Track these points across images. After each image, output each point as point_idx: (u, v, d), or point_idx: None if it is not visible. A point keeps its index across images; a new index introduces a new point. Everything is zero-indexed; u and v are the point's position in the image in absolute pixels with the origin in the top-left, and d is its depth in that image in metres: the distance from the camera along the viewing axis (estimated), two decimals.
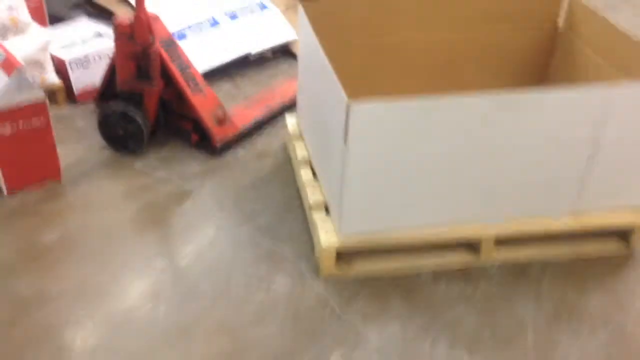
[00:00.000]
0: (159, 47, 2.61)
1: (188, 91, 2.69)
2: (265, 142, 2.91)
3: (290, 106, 3.13)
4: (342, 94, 1.86)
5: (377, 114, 1.86)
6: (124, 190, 2.57)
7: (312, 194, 2.29)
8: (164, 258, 2.24)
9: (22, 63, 2.36)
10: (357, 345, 1.92)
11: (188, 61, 2.74)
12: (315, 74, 2.30)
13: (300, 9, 2.44)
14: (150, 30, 2.56)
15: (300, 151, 2.55)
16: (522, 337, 1.96)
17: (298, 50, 3.72)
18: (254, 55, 3.53)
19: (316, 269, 2.18)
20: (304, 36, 2.44)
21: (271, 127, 3.01)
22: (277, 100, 3.12)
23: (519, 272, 2.20)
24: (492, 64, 2.73)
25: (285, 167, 2.73)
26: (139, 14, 2.53)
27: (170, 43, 2.70)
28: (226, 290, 2.11)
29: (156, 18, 2.65)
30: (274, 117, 3.06)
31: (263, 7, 3.71)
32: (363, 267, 2.17)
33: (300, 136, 2.66)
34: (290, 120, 2.80)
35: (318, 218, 2.19)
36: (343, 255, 2.16)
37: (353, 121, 1.83)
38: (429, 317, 2.02)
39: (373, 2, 2.57)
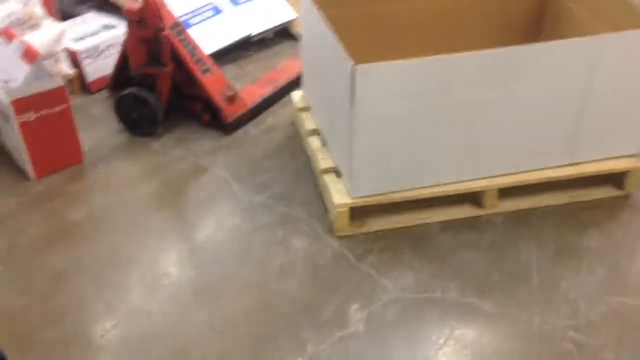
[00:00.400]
0: (168, 31, 2.74)
1: (198, 72, 2.83)
2: (273, 119, 3.04)
3: (295, 83, 3.26)
4: (347, 58, 1.99)
5: (380, 75, 1.99)
6: (143, 168, 2.71)
7: (323, 160, 2.43)
8: (186, 228, 2.38)
9: (42, 52, 2.49)
10: (373, 296, 2.06)
11: (195, 44, 2.87)
12: (319, 46, 2.43)
13: None
14: (159, 15, 2.69)
15: (308, 122, 2.69)
16: (527, 278, 2.10)
17: (298, 29, 3.86)
18: (256, 36, 3.66)
19: (330, 229, 2.32)
20: (306, 11, 2.57)
21: (278, 105, 3.15)
22: (282, 78, 3.24)
23: (522, 220, 2.33)
24: (488, 28, 2.85)
25: (294, 140, 2.86)
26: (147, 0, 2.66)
27: (178, 27, 2.82)
28: (247, 253, 2.25)
29: (163, 4, 2.77)
30: (281, 94, 3.19)
31: None
32: (375, 224, 2.31)
33: (308, 109, 2.79)
34: (297, 95, 2.93)
35: (330, 181, 2.33)
36: (355, 214, 2.29)
37: (358, 83, 1.96)
38: (439, 266, 2.16)
39: None
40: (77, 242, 2.32)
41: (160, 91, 2.85)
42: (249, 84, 3.26)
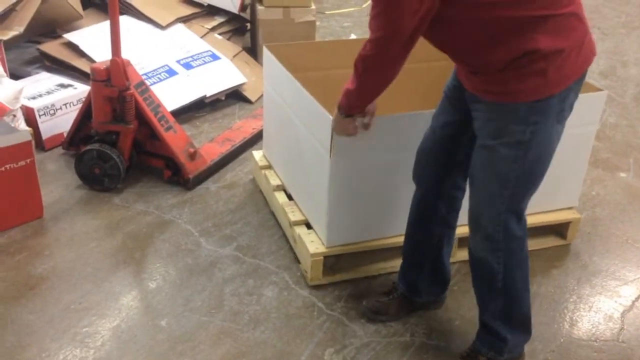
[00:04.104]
0: (133, 89, 2.82)
1: (161, 130, 2.90)
2: (232, 175, 3.14)
3: (250, 142, 3.39)
4: (324, 111, 2.14)
5: None
6: (107, 223, 2.72)
7: (292, 213, 2.53)
8: (156, 279, 2.40)
9: (10, 108, 2.51)
10: (346, 341, 2.15)
11: (159, 102, 2.96)
12: (286, 104, 2.57)
13: (266, 51, 2.72)
14: (125, 74, 2.77)
15: (272, 179, 2.79)
16: None
17: (247, 93, 4.02)
18: (209, 98, 3.78)
19: (299, 278, 2.41)
20: (270, 73, 2.73)
21: (235, 163, 3.25)
22: (238, 137, 3.37)
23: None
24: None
25: (255, 195, 2.96)
26: (115, 59, 2.74)
27: (143, 85, 2.91)
28: (219, 303, 2.29)
29: (128, 63, 2.86)
30: (237, 153, 3.30)
31: (215, 57, 3.99)
32: (344, 273, 2.41)
33: (269, 167, 2.90)
34: (257, 154, 3.03)
35: (302, 232, 2.42)
36: (325, 263, 2.39)
37: (336, 136, 2.10)
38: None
39: (328, 46, 2.87)
40: (43, 296, 2.29)
41: (123, 148, 2.90)
42: (207, 142, 3.36)
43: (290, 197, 2.67)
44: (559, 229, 2.64)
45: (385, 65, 1.77)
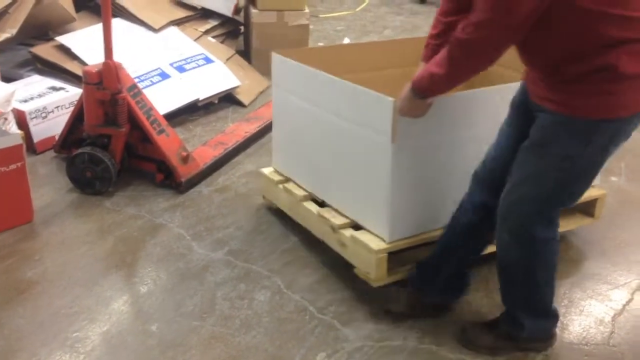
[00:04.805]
0: (125, 93, 2.81)
1: (154, 133, 2.90)
2: (225, 178, 3.13)
3: (243, 146, 3.39)
4: (381, 95, 2.11)
5: None
6: (98, 226, 2.71)
7: (333, 218, 2.42)
8: (147, 283, 2.39)
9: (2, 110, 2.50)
10: (337, 345, 2.14)
11: (152, 105, 2.96)
12: (313, 105, 2.48)
13: (276, 57, 2.62)
14: (118, 78, 2.77)
15: (297, 191, 2.64)
16: None
17: (240, 96, 4.01)
18: (202, 101, 3.78)
19: (291, 282, 2.40)
20: (284, 79, 2.62)
21: (227, 167, 3.25)
22: (231, 141, 3.36)
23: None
24: None
25: (248, 199, 2.96)
26: (107, 62, 2.73)
27: (135, 89, 2.90)
28: (210, 307, 2.28)
29: (121, 66, 2.85)
30: (230, 156, 3.30)
31: (209, 60, 3.99)
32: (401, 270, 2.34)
33: (287, 180, 2.73)
34: (266, 171, 2.83)
35: (354, 234, 2.33)
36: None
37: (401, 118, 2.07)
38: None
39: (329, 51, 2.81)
40: (33, 300, 2.27)
41: (114, 151, 2.89)
42: (199, 145, 3.35)
43: (321, 205, 2.56)
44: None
45: (486, 51, 1.70)
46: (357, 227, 2.38)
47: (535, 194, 1.84)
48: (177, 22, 4.27)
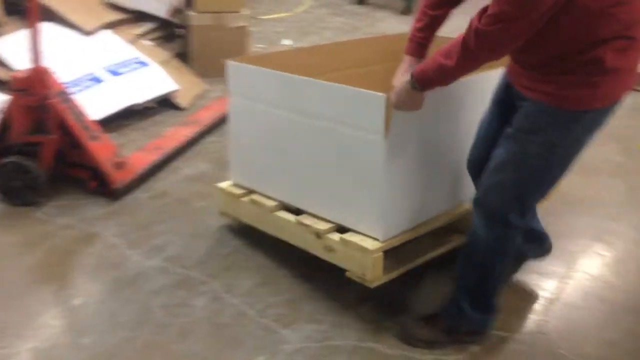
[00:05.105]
0: (55, 99, 2.72)
1: (85, 140, 2.81)
2: (163, 184, 3.07)
3: (182, 150, 3.33)
4: (372, 92, 2.05)
5: None
6: (26, 238, 2.61)
7: (315, 224, 2.32)
8: (79, 295, 2.32)
9: None
10: (277, 348, 2.12)
11: (83, 111, 2.87)
12: (283, 110, 2.37)
13: (232, 64, 2.50)
14: (46, 83, 2.67)
15: (266, 201, 2.50)
16: None
17: (178, 100, 3.95)
18: (139, 105, 3.70)
19: (230, 287, 2.37)
20: (244, 86, 2.49)
21: (165, 172, 3.18)
22: (169, 145, 3.30)
23: None
24: None
25: (186, 204, 2.90)
26: (36, 67, 2.64)
27: (65, 94, 2.81)
28: (146, 316, 2.22)
29: (48, 71, 2.76)
30: (168, 161, 3.24)
31: (144, 64, 3.90)
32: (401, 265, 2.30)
33: (251, 192, 2.59)
34: (224, 185, 2.66)
35: (342, 237, 2.25)
36: None
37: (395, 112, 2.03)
38: (338, 315, 2.26)
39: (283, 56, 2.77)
40: None
41: (44, 159, 2.80)
42: (136, 151, 3.28)
43: (296, 213, 2.43)
44: None
45: (503, 43, 1.70)
46: (341, 230, 2.30)
47: (514, 180, 1.89)
48: (111, 25, 4.17)
